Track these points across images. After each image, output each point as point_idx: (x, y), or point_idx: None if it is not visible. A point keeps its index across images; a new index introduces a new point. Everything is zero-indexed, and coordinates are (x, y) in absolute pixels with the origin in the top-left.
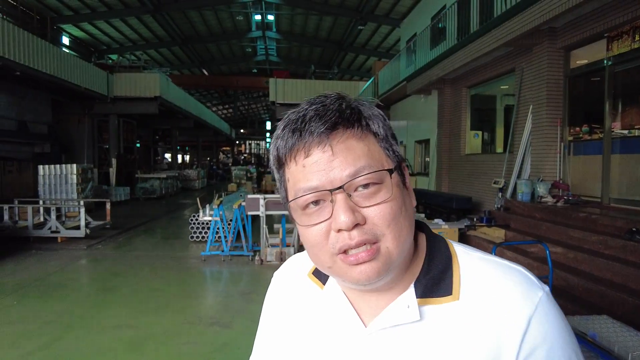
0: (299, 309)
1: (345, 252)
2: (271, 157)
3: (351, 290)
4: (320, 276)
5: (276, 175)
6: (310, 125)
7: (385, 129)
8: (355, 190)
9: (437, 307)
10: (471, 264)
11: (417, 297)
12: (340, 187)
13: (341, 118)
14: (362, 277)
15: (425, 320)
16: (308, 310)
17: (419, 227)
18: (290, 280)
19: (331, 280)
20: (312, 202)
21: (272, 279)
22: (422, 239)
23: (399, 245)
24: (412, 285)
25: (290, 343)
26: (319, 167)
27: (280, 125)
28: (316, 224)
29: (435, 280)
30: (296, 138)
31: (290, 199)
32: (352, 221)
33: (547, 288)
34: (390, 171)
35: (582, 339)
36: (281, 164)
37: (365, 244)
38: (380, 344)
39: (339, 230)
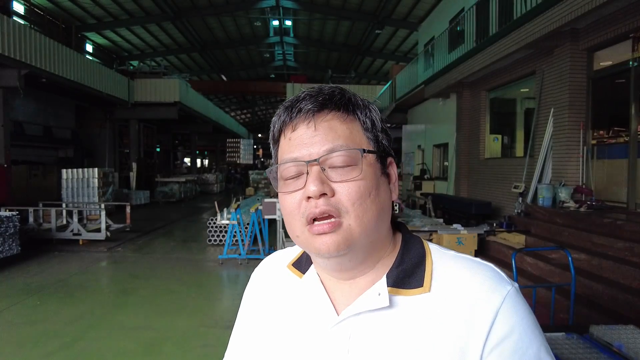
0: (278, 299)
1: (313, 222)
2: (270, 135)
3: (327, 280)
4: (299, 266)
5: (272, 153)
6: (301, 103)
7: (372, 121)
8: (331, 167)
9: (408, 298)
10: (444, 260)
11: (388, 286)
12: (316, 160)
13: (330, 101)
14: (322, 247)
15: (396, 308)
16: (286, 300)
17: (397, 226)
18: (269, 273)
19: (310, 270)
20: (292, 174)
21: (252, 275)
22: (399, 236)
23: (361, 224)
24: (384, 276)
25: (266, 332)
26: (301, 141)
27: (280, 106)
28: (292, 191)
29: (407, 273)
30: (287, 114)
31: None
32: (320, 190)
33: (516, 285)
34: (364, 150)
35: (608, 350)
36: (276, 141)
37: (329, 216)
38: (350, 330)
39: (309, 199)
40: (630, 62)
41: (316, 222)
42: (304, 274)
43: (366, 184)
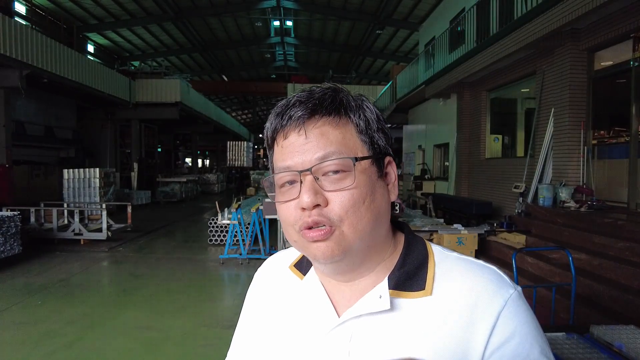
0: (279, 300)
1: (307, 229)
2: (264, 140)
3: (328, 282)
4: (301, 267)
5: (269, 157)
6: (291, 110)
7: (366, 122)
8: (325, 174)
9: (410, 301)
10: (446, 262)
11: (389, 289)
12: (308, 170)
13: (320, 106)
14: (317, 253)
15: (397, 311)
16: (287, 301)
17: (400, 227)
18: (270, 274)
19: (311, 272)
20: (287, 181)
21: (254, 276)
22: (401, 237)
23: (356, 232)
24: (386, 278)
25: (268, 333)
26: (293, 149)
27: (272, 110)
28: (287, 200)
29: (409, 275)
30: (278, 121)
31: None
32: (313, 202)
33: (519, 288)
34: (356, 159)
35: (608, 350)
36: (270, 146)
37: (322, 225)
38: (351, 331)
39: (303, 209)
40: (631, 62)
41: (310, 229)
42: (304, 275)
43: (360, 192)
